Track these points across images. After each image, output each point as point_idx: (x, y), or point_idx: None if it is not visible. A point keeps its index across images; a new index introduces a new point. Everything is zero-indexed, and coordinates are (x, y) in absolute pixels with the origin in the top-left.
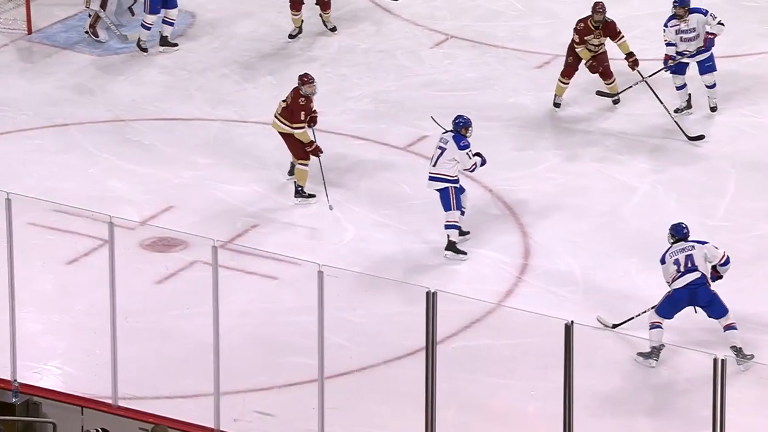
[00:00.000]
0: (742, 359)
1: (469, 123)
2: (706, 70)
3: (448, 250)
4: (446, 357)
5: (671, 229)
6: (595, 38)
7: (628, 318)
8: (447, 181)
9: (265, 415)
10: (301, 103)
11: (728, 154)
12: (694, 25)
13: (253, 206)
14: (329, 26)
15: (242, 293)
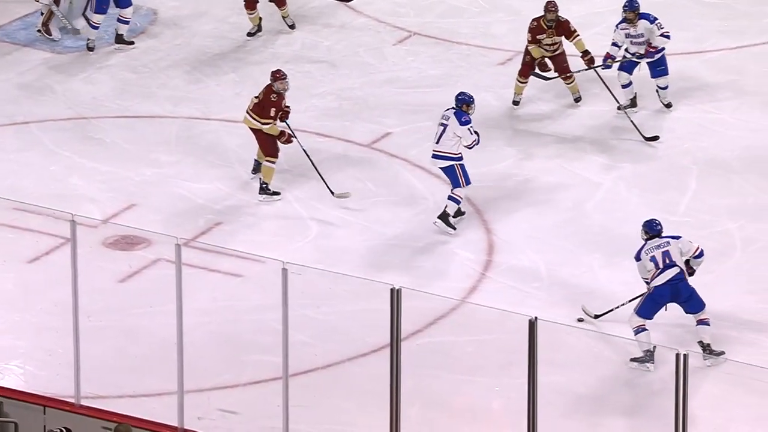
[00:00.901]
0: (708, 355)
1: (471, 100)
2: (658, 74)
3: (439, 218)
4: (410, 354)
5: (644, 225)
6: (548, 37)
7: (610, 309)
8: (451, 159)
9: (230, 413)
10: (272, 99)
11: (690, 150)
12: (642, 30)
13: (217, 204)
14: (288, 23)
15: (206, 291)
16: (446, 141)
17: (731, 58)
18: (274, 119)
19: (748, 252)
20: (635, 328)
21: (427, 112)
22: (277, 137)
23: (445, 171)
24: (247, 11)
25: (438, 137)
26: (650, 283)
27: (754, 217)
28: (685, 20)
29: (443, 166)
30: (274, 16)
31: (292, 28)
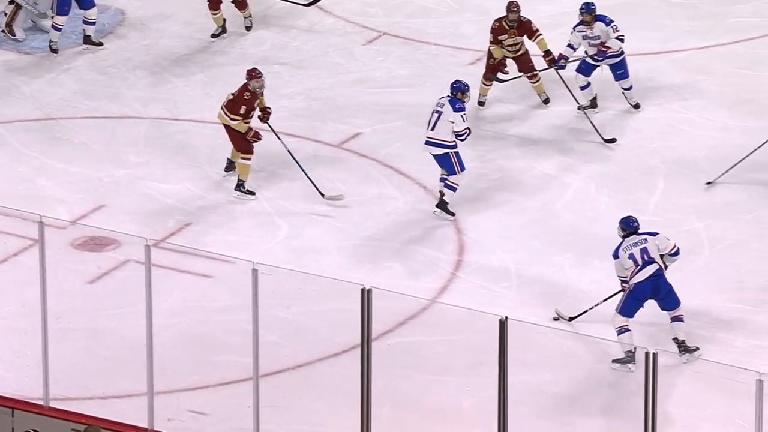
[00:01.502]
0: (684, 352)
1: (466, 88)
2: (619, 77)
3: (438, 207)
4: (381, 354)
5: (621, 223)
6: (510, 38)
7: (584, 310)
8: (445, 147)
9: (200, 414)
10: (245, 97)
11: (658, 149)
12: (598, 33)
13: (186, 204)
14: (246, 24)
15: (176, 292)
16: (441, 128)
17: (698, 58)
18: (243, 117)
19: (716, 251)
20: (618, 329)
21: (397, 112)
22: (245, 134)
23: (440, 158)
24: (211, 11)
25: (432, 124)
26: (630, 280)
27: (721, 216)
28: (652, 20)
29: (437, 153)
30: None
31: (248, 29)
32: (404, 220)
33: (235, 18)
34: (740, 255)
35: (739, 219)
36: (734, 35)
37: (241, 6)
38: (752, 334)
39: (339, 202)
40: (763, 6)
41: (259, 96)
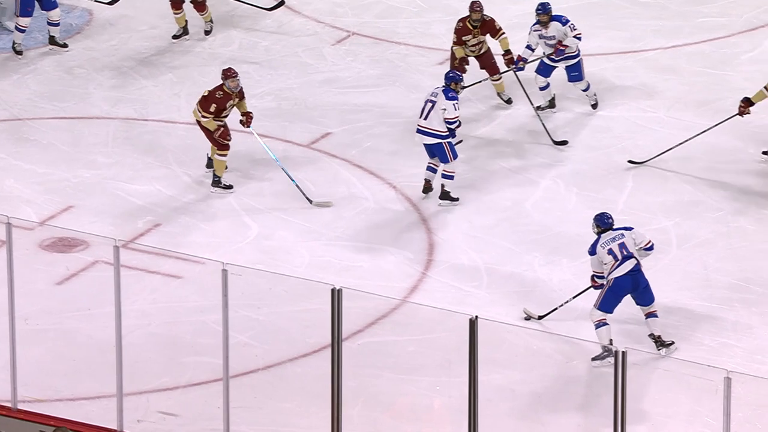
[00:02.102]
0: (661, 347)
1: (459, 78)
2: (573, 79)
3: (442, 198)
4: (351, 354)
5: (596, 220)
6: (473, 38)
7: (553, 308)
8: (438, 137)
9: (169, 415)
10: (217, 96)
11: (626, 148)
12: (553, 33)
13: (155, 205)
14: (205, 28)
15: (145, 293)
16: (434, 118)
17: (665, 58)
18: (213, 115)
19: (684, 249)
20: (597, 323)
21: (367, 111)
22: (212, 132)
23: (432, 147)
24: (174, 11)
25: (426, 113)
26: (609, 275)
27: (689, 214)
28: (619, 20)
29: (430, 143)
30: (212, 14)
31: (206, 33)
32: (374, 220)
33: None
34: (708, 253)
35: (706, 217)
36: (701, 35)
37: (199, 8)
38: (720, 332)
39: (327, 206)
40: (730, 5)
41: (233, 96)
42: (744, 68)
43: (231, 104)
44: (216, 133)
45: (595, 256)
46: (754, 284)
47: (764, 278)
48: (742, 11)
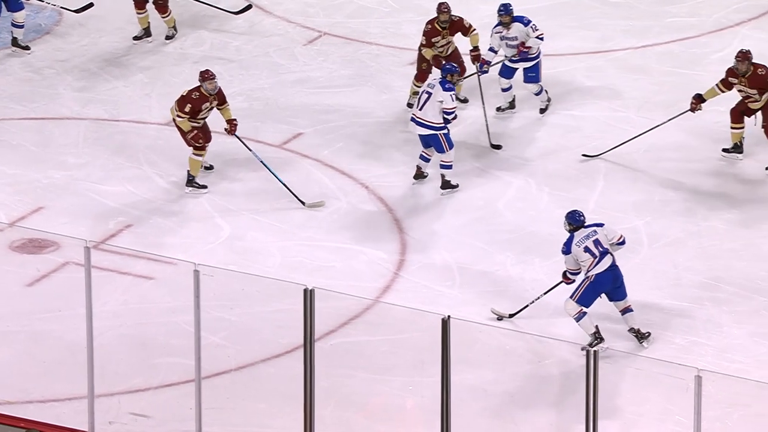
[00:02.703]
0: (642, 339)
1: (455, 70)
2: (529, 80)
3: (443, 188)
4: (324, 354)
5: (568, 217)
6: (442, 38)
7: (523, 306)
8: (433, 128)
9: (141, 416)
10: (193, 96)
11: (597, 148)
12: (515, 34)
13: (127, 206)
14: (168, 33)
15: (116, 294)
16: (429, 109)
17: (636, 57)
18: (188, 115)
19: (654, 248)
20: (576, 315)
21: (339, 112)
22: (185, 133)
23: (426, 138)
24: (137, 11)
25: (422, 104)
26: (590, 271)
27: (659, 213)
28: (589, 20)
29: (425, 133)
30: (183, 15)
31: (167, 38)
32: (347, 220)
33: (179, 16)
34: (678, 252)
35: (677, 217)
36: (670, 35)
37: (161, 9)
38: (690, 331)
39: (319, 207)
40: (699, 5)
41: (210, 99)
42: (713, 68)
43: (208, 107)
44: (188, 135)
45: (570, 254)
46: (724, 283)
47: (734, 277)
48: (711, 11)
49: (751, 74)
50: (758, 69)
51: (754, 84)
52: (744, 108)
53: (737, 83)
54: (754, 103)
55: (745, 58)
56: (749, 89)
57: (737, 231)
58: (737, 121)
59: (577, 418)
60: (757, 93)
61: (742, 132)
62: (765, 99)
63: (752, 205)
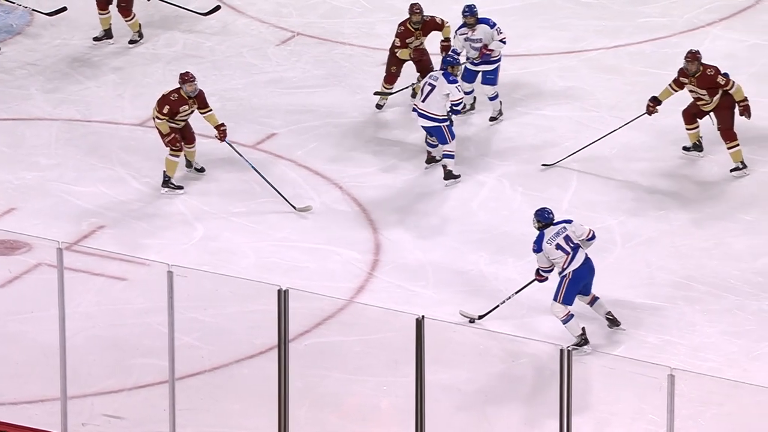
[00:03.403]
0: (614, 325)
1: (457, 62)
2: (486, 81)
3: (446, 179)
4: (299, 354)
5: (536, 215)
6: (416, 39)
7: (492, 308)
8: (437, 121)
9: (115, 418)
10: (172, 98)
11: (571, 148)
12: (480, 36)
13: (99, 206)
14: (132, 37)
15: (89, 295)
16: (433, 102)
17: (608, 57)
18: (167, 117)
19: (628, 247)
20: (563, 318)
21: (312, 112)
22: (164, 135)
23: (430, 129)
24: (99, 11)
25: (424, 96)
26: (567, 269)
27: (632, 213)
28: (562, 20)
29: (428, 125)
30: (155, 16)
31: (130, 43)
32: (320, 221)
33: (151, 17)
34: (651, 252)
35: (650, 216)
36: (642, 35)
37: (124, 12)
38: (663, 330)
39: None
40: (671, 6)
41: (189, 102)
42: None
43: (186, 109)
44: (167, 138)
45: (542, 252)
46: (697, 282)
47: (707, 276)
48: (683, 11)
49: (700, 74)
50: (707, 69)
51: (702, 84)
52: (696, 110)
53: (688, 83)
54: (706, 105)
55: (695, 59)
56: (699, 89)
57: (709, 230)
58: (690, 122)
59: (551, 417)
60: (707, 93)
61: (697, 132)
62: (715, 101)
63: (724, 205)
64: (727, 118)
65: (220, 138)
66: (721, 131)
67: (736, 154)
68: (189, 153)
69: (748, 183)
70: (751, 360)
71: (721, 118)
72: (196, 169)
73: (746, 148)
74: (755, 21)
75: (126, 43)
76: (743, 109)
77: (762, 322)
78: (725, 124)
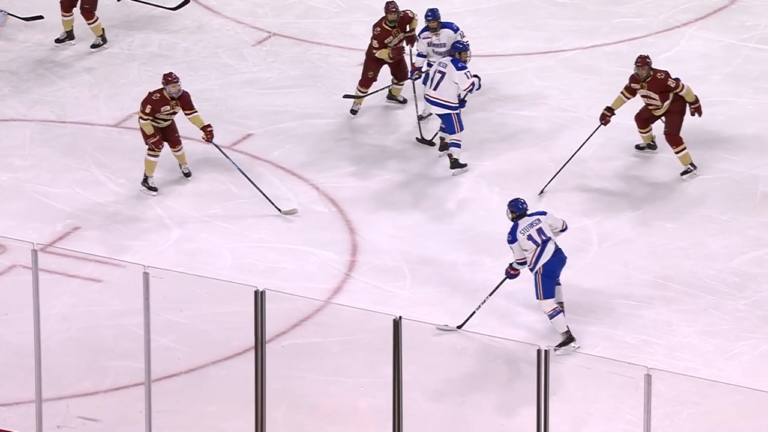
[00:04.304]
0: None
1: (466, 47)
2: None
3: (452, 167)
4: (276, 356)
5: (510, 206)
6: (394, 37)
7: (469, 315)
8: (448, 108)
9: (90, 420)
10: (154, 98)
11: (548, 148)
12: (444, 40)
13: (74, 208)
14: (95, 41)
15: (65, 297)
16: (444, 89)
17: (585, 57)
18: (149, 116)
19: (604, 247)
20: (550, 313)
21: (289, 112)
22: (147, 136)
23: (442, 117)
24: (62, 14)
25: (435, 84)
26: (537, 264)
27: (609, 213)
28: (538, 20)
29: (440, 113)
30: (131, 15)
31: (93, 47)
32: (297, 221)
33: (124, 17)
34: (628, 251)
35: (627, 216)
36: (619, 35)
37: (86, 15)
38: (640, 330)
39: (294, 215)
40: (647, 6)
41: (172, 103)
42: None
43: (168, 110)
44: (149, 139)
45: (516, 243)
46: (674, 282)
47: (683, 276)
48: (658, 11)
49: (651, 79)
50: (658, 73)
51: (654, 88)
52: (648, 114)
53: (639, 88)
54: (657, 110)
55: (645, 63)
56: (651, 93)
57: (685, 230)
58: (643, 126)
59: (528, 417)
60: (659, 98)
61: (650, 134)
62: (666, 106)
63: (701, 205)
64: (676, 124)
65: (207, 139)
66: (667, 135)
67: (685, 157)
68: (178, 157)
69: (723, 183)
70: (727, 359)
71: (670, 122)
72: (183, 173)
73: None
74: (730, 21)
75: (70, 45)
76: (695, 110)
77: (737, 321)
78: (672, 129)
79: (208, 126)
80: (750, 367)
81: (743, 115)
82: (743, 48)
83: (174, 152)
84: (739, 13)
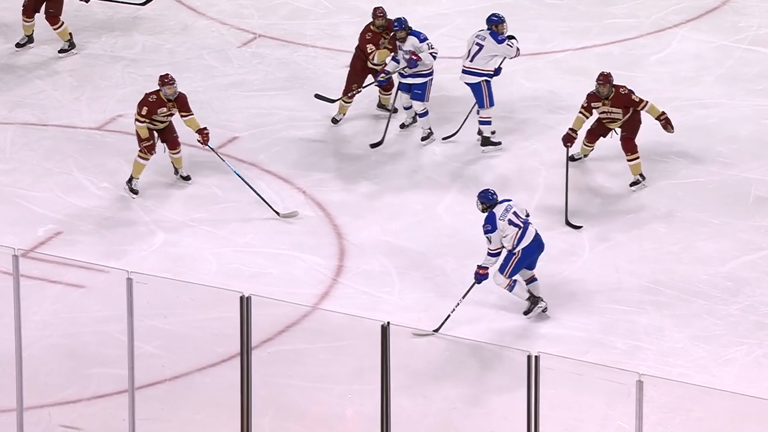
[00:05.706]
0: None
1: (502, 20)
2: (414, 97)
3: (484, 145)
4: (261, 362)
5: (480, 197)
6: (384, 40)
7: (444, 319)
8: (482, 75)
9: (73, 429)
10: (150, 99)
11: (537, 150)
12: (410, 48)
13: (56, 212)
14: (62, 46)
15: (47, 303)
16: (480, 59)
17: (575, 59)
18: (145, 118)
19: (596, 252)
20: (507, 287)
21: (275, 115)
22: (142, 139)
23: (473, 87)
24: (24, 18)
25: (472, 55)
26: (518, 246)
27: (601, 217)
28: (528, 21)
29: (472, 82)
30: (114, 17)
31: (60, 52)
32: (284, 226)
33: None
34: (619, 256)
35: (618, 220)
36: (610, 36)
37: (51, 20)
38: (631, 335)
39: (294, 218)
40: (638, 7)
41: (168, 104)
42: (652, 69)
43: (165, 112)
44: (143, 142)
45: (495, 232)
46: (665, 287)
47: (675, 280)
48: (649, 12)
49: (613, 95)
50: (620, 89)
51: (618, 104)
52: (602, 130)
53: (600, 107)
54: (612, 123)
55: (606, 81)
56: (613, 109)
57: (678, 234)
58: (591, 141)
59: (519, 424)
60: (621, 112)
61: (591, 150)
62: (625, 118)
63: (692, 209)
64: (634, 129)
65: (203, 142)
66: (624, 140)
67: (636, 167)
68: (175, 160)
69: (715, 186)
70: (720, 365)
71: (628, 128)
72: (182, 177)
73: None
74: (722, 22)
75: (29, 48)
76: (665, 123)
77: (730, 326)
78: (630, 134)
79: (204, 129)
80: (743, 373)
81: (735, 117)
82: (735, 49)
83: (172, 154)
84: (732, 14)
